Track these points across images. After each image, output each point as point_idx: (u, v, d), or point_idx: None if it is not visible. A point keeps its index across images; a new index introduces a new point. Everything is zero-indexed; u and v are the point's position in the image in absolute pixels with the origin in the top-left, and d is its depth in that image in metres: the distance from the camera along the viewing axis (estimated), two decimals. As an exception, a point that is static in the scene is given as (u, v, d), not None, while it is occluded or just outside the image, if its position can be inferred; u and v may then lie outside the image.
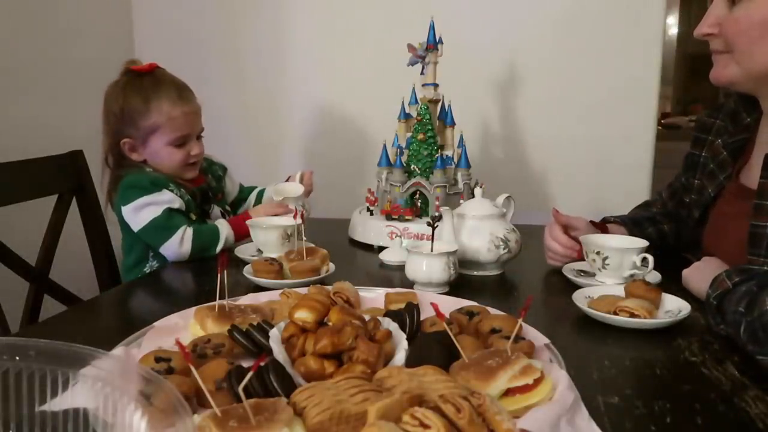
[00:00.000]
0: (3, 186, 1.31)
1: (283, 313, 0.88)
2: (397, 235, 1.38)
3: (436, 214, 1.20)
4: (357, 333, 0.70)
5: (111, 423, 0.51)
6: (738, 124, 1.17)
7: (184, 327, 0.87)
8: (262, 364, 0.62)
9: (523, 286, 1.19)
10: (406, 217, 1.42)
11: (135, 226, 1.34)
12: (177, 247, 1.31)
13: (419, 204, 1.46)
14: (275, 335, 0.75)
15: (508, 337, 0.73)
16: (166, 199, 1.34)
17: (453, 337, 0.71)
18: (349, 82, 2.04)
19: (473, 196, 1.27)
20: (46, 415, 0.53)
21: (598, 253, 1.12)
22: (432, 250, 1.09)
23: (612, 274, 1.12)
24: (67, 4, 1.88)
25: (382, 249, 1.35)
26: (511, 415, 0.57)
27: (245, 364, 0.66)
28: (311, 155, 2.10)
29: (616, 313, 0.91)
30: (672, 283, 1.07)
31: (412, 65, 1.48)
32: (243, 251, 1.32)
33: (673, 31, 4.31)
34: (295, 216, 1.33)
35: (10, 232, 1.35)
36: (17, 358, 0.53)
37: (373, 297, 0.99)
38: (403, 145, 1.51)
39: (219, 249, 1.35)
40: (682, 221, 1.31)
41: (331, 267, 1.18)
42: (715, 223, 1.18)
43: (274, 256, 1.20)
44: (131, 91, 1.38)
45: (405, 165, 1.47)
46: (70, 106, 1.82)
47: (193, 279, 1.27)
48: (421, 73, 1.49)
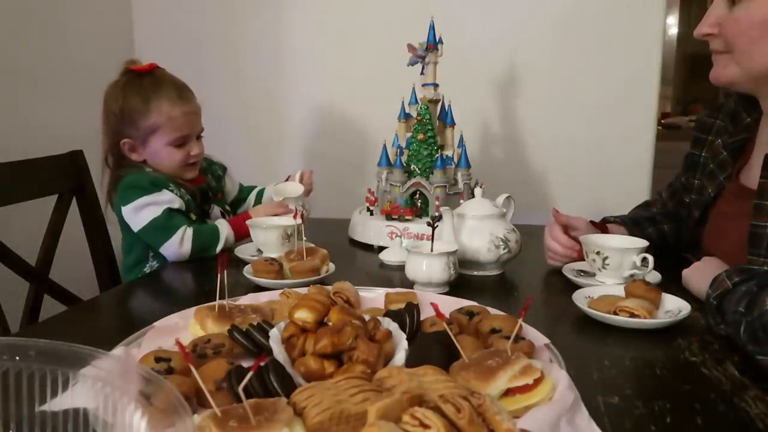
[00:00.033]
0: (3, 186, 1.31)
1: (283, 313, 0.88)
2: (397, 235, 1.38)
3: (436, 214, 1.20)
4: (357, 333, 0.70)
5: (111, 423, 0.51)
6: (738, 124, 1.17)
7: (184, 327, 0.87)
8: (262, 364, 0.62)
9: (523, 286, 1.19)
10: (406, 217, 1.42)
11: (135, 226, 1.34)
12: (177, 247, 1.31)
13: (419, 204, 1.46)
14: (275, 335, 0.75)
15: (508, 337, 0.73)
16: (166, 199, 1.34)
17: (453, 337, 0.71)
18: (349, 82, 2.04)
19: (473, 196, 1.27)
20: (46, 415, 0.53)
21: (598, 253, 1.12)
22: (432, 250, 1.09)
23: (612, 274, 1.12)
24: (67, 5, 1.88)
25: (382, 249, 1.35)
26: (511, 415, 0.57)
27: (245, 364, 0.66)
28: (311, 155, 2.10)
29: (616, 313, 0.91)
30: (672, 283, 1.07)
31: (412, 65, 1.48)
32: (243, 251, 1.32)
33: (673, 31, 4.30)
34: (295, 216, 1.33)
35: (10, 232, 1.35)
36: (17, 358, 0.53)
37: (373, 297, 0.99)
38: (403, 145, 1.51)
39: (219, 249, 1.35)
40: (682, 221, 1.31)
41: (331, 267, 1.18)
42: (715, 223, 1.18)
43: (274, 256, 1.20)
44: (131, 91, 1.38)
45: (405, 165, 1.47)
46: (70, 107, 1.82)
47: (193, 279, 1.27)
48: (421, 73, 1.49)
